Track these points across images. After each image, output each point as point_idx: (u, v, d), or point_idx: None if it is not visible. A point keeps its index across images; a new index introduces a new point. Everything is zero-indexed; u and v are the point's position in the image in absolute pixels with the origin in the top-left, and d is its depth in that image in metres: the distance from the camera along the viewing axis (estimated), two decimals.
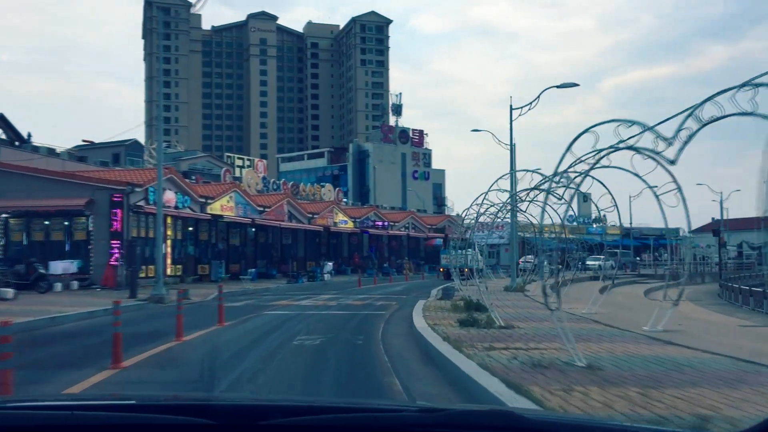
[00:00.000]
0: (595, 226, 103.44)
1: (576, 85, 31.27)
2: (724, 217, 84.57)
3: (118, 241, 31.10)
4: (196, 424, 2.14)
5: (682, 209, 11.91)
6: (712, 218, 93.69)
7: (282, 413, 2.29)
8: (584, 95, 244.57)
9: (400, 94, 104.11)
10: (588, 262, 53.57)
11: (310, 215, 52.86)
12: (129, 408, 2.46)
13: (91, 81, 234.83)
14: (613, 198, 17.39)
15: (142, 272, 30.79)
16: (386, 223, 61.92)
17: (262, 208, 46.45)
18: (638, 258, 75.62)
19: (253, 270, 36.54)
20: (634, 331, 13.89)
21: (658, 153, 8.99)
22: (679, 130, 8.45)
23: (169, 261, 35.80)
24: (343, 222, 57.07)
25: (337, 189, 67.66)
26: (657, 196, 12.18)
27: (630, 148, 9.39)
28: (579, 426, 2.50)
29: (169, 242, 36.23)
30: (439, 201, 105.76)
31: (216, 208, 40.74)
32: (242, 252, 45.24)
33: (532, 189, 17.78)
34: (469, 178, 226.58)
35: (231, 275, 40.53)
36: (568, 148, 10.06)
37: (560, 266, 25.52)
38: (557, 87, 31.61)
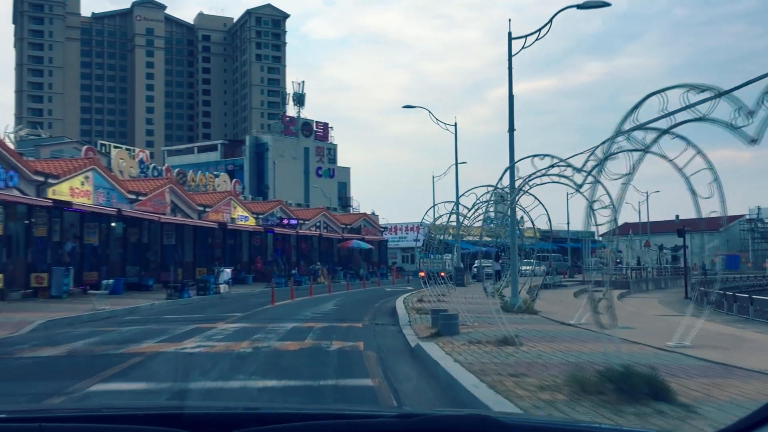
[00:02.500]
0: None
1: (607, 4, 20.28)
2: (642, 220, 77.73)
3: None
4: None
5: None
6: (625, 222, 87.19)
7: (257, 421, 2.17)
8: (472, 105, 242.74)
9: (303, 82, 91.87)
10: (522, 267, 46.53)
11: (201, 208, 40.11)
12: (100, 419, 2.35)
13: None
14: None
15: None
16: (295, 221, 49.76)
17: (134, 196, 33.45)
18: (577, 262, 66.50)
19: (112, 281, 23.74)
20: (663, 348, 10.94)
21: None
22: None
23: None
24: (243, 218, 44.51)
25: (234, 180, 54.89)
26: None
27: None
28: (556, 429, 2.41)
29: None
30: (345, 201, 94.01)
31: (63, 191, 27.58)
32: (103, 255, 31.98)
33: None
34: (365, 183, 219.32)
35: (85, 287, 27.32)
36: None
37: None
38: (578, 7, 20.54)
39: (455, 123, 43.53)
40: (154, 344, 13.28)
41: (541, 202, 20.03)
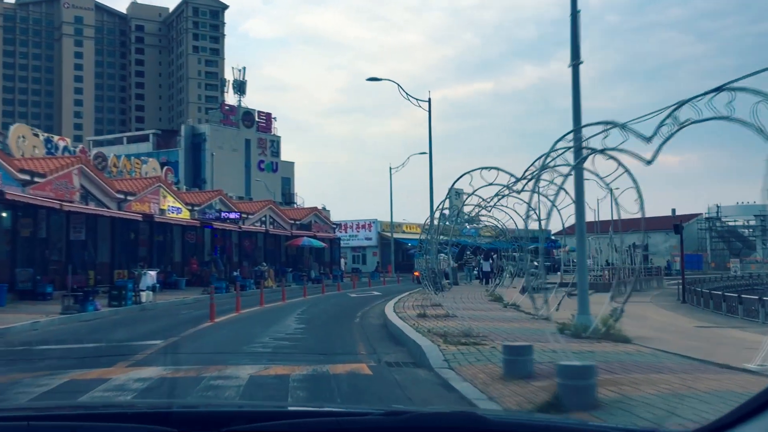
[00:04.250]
0: (468, 227, 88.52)
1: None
2: (596, 219, 72.40)
3: None
4: None
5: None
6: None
7: (245, 419, 2.12)
8: (411, 108, 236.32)
9: (244, 68, 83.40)
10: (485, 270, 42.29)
11: (122, 197, 31.94)
12: (88, 417, 2.29)
13: None
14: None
15: None
16: (237, 215, 41.80)
17: (28, 177, 25.21)
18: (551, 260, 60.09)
19: None
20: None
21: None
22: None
23: None
24: (174, 210, 36.41)
25: (166, 168, 46.47)
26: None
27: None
28: (541, 427, 2.34)
29: None
30: (289, 198, 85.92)
31: None
32: None
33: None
34: (308, 182, 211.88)
35: None
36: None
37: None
38: None
39: (429, 99, 36.64)
40: None
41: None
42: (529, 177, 13.23)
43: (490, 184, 17.91)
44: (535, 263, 47.94)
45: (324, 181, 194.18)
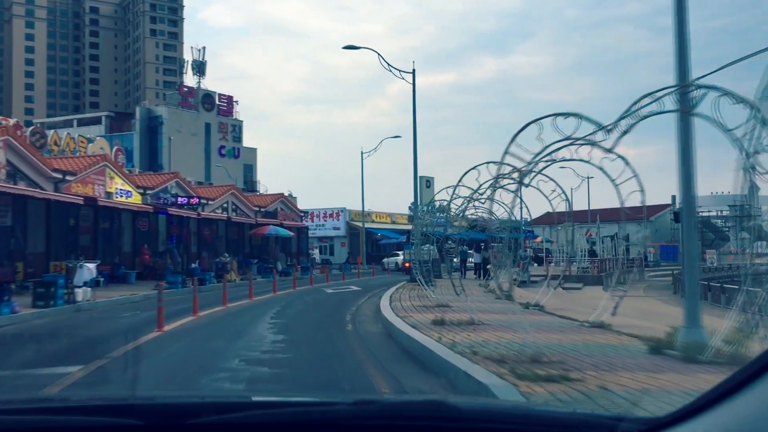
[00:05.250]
0: (438, 216, 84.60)
1: None
2: (571, 209, 69.25)
3: None
4: (122, 425, 1.90)
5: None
6: (547, 212, 79.39)
7: (213, 410, 2.04)
8: (373, 98, 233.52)
9: (204, 48, 77.92)
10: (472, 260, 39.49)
11: (60, 176, 27.17)
12: (50, 410, 2.19)
13: None
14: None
15: None
16: (197, 200, 37.13)
17: None
18: (531, 253, 56.46)
19: None
20: None
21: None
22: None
23: None
24: (124, 193, 31.65)
25: (117, 148, 41.44)
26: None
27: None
28: (510, 413, 2.33)
29: None
30: (251, 186, 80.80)
31: None
32: None
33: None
34: (270, 172, 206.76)
35: None
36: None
37: None
38: None
39: (413, 70, 32.40)
40: None
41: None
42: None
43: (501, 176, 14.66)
44: (528, 253, 43.43)
45: (288, 171, 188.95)
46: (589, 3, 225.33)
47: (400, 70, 31.65)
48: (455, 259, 35.95)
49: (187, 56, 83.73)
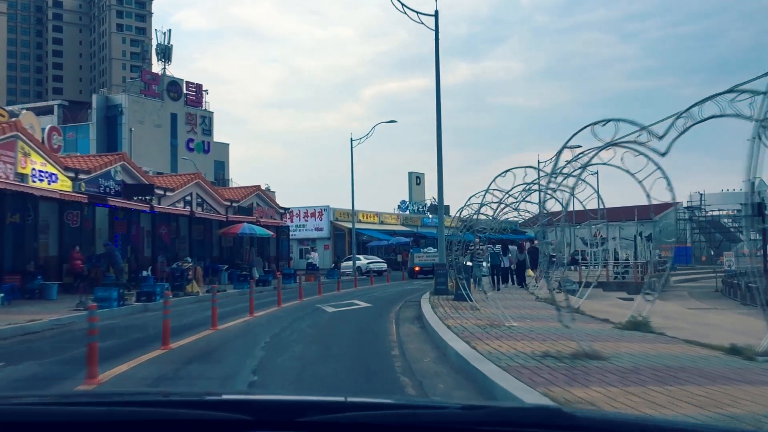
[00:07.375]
0: (430, 216, 76.25)
1: None
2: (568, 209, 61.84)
3: None
4: (232, 420, 1.83)
5: None
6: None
7: (320, 410, 1.96)
8: (346, 102, 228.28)
9: (170, 31, 68.78)
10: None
11: None
12: (164, 404, 2.12)
13: None
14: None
15: None
16: (151, 189, 28.43)
17: None
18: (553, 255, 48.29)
19: None
20: None
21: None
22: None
23: None
24: (46, 176, 22.96)
25: (51, 127, 32.50)
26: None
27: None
28: (631, 425, 2.07)
29: None
30: (222, 184, 72.14)
31: None
32: None
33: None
34: (244, 175, 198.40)
35: None
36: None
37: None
38: None
39: (436, 12, 24.17)
40: None
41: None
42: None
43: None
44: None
45: (260, 173, 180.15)
46: (559, 9, 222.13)
47: (417, 12, 23.46)
48: (484, 264, 27.61)
49: (152, 39, 74.66)
